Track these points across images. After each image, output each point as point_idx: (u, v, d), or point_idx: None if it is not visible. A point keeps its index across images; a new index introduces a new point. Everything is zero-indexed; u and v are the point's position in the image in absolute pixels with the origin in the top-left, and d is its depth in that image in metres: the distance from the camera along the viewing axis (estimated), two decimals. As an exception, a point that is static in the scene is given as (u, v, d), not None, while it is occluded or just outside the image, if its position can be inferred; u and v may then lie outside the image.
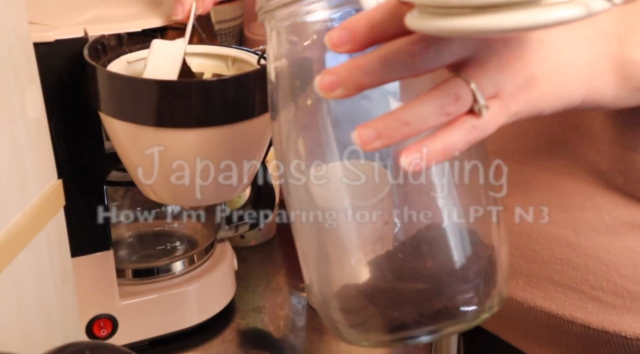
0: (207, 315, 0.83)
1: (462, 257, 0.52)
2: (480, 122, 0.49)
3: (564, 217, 0.70)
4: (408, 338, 0.53)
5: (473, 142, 0.49)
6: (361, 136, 0.47)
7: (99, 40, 0.70)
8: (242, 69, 0.71)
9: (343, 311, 0.54)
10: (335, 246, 0.54)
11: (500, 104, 0.50)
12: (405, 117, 0.48)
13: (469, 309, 0.52)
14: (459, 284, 0.52)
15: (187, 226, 0.88)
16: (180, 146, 0.66)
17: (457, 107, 0.48)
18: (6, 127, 0.57)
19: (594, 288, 0.69)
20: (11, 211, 0.58)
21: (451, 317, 0.52)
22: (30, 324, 0.61)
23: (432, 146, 0.48)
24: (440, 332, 0.52)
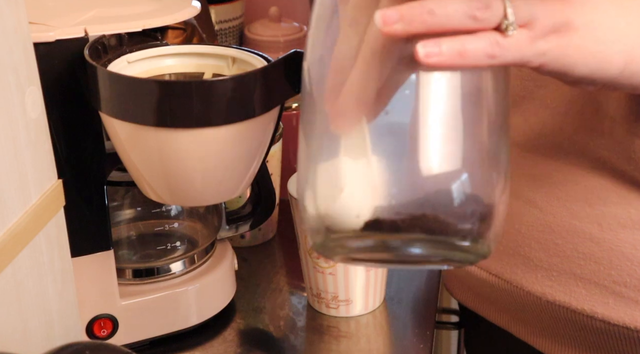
0: (207, 315, 0.83)
1: (460, 186, 0.49)
2: (504, 41, 0.48)
3: (589, 212, 0.69)
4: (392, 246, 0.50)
5: (493, 60, 0.48)
6: (384, 15, 0.46)
7: (100, 40, 0.70)
8: (243, 69, 0.71)
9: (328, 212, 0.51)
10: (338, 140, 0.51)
11: (528, 34, 0.49)
12: (431, 5, 0.47)
13: (466, 226, 0.50)
14: (459, 200, 0.49)
15: (187, 226, 0.88)
16: (180, 146, 0.66)
17: (486, 14, 0.47)
18: (6, 127, 0.57)
19: (617, 283, 0.69)
20: (11, 211, 0.58)
21: (443, 231, 0.50)
22: (30, 324, 0.61)
23: (451, 44, 0.47)
24: (429, 244, 0.50)
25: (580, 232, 0.70)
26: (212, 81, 0.66)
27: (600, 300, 0.70)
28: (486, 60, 0.48)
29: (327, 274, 0.83)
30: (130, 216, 0.87)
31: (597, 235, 0.69)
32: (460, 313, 0.99)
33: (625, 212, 0.68)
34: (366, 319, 0.85)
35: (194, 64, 0.73)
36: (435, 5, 0.47)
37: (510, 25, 0.48)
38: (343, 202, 0.51)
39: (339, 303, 0.85)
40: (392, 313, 0.86)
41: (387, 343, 0.84)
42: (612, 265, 0.68)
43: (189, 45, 0.76)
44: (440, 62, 0.47)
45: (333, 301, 0.85)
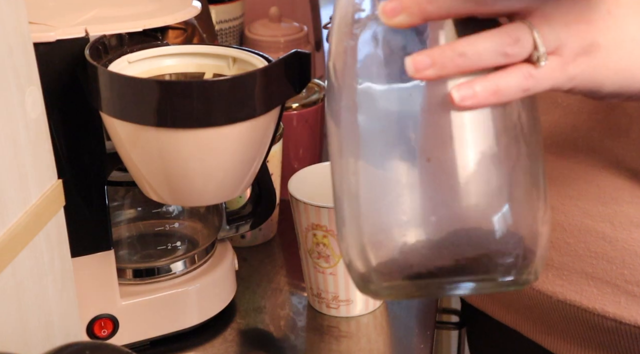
0: (207, 315, 0.83)
1: (505, 210, 0.49)
2: (537, 72, 0.48)
3: (601, 211, 0.69)
4: (436, 288, 0.50)
5: (527, 92, 0.48)
6: (415, 61, 0.46)
7: (100, 40, 0.70)
8: (243, 69, 0.71)
9: (375, 254, 0.51)
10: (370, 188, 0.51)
11: (559, 60, 0.49)
12: (462, 48, 0.47)
13: (507, 261, 0.50)
14: (498, 237, 0.50)
15: (188, 226, 0.88)
16: (181, 146, 0.66)
17: (516, 49, 0.47)
18: (6, 127, 0.57)
19: (629, 283, 0.68)
20: (11, 211, 0.58)
21: (486, 271, 0.50)
22: (30, 324, 0.61)
23: (485, 85, 0.47)
24: (473, 283, 0.50)
25: (592, 231, 0.70)
26: (213, 81, 0.66)
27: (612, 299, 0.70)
28: (521, 94, 0.48)
29: (328, 274, 0.83)
30: (130, 216, 0.87)
31: (610, 234, 0.69)
32: (462, 312, 0.99)
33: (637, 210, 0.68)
34: (366, 319, 0.85)
35: (194, 64, 0.73)
36: (466, 46, 0.47)
37: (541, 56, 0.48)
38: (389, 245, 0.51)
39: (339, 303, 0.85)
40: (393, 313, 0.86)
41: (388, 343, 0.84)
42: (624, 264, 0.68)
43: (189, 45, 0.75)
44: (476, 103, 0.47)
45: (333, 301, 0.85)
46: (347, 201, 0.52)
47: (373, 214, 0.51)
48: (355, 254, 0.52)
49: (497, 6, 0.48)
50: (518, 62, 0.48)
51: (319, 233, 0.82)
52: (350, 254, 0.53)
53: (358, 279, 0.53)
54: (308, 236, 0.83)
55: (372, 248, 0.51)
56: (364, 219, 0.51)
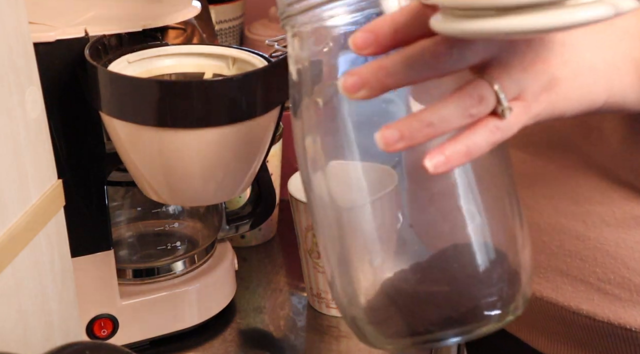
0: (207, 315, 0.83)
1: (486, 261, 0.52)
2: (503, 124, 0.49)
3: (574, 210, 0.70)
4: (433, 341, 0.53)
5: (496, 144, 0.49)
6: (384, 136, 0.47)
7: (100, 40, 0.70)
8: (243, 69, 0.71)
9: (367, 313, 0.54)
10: (357, 245, 0.54)
11: (522, 105, 0.50)
12: (429, 118, 0.48)
13: (493, 313, 0.52)
14: (482, 288, 0.52)
15: (188, 226, 0.88)
16: (181, 146, 0.66)
17: (481, 108, 0.48)
18: (6, 127, 0.57)
19: (602, 280, 0.69)
20: (11, 211, 0.58)
21: (475, 320, 0.52)
22: (30, 324, 0.61)
23: (455, 148, 0.48)
24: (466, 334, 0.52)
25: (566, 229, 0.71)
26: (212, 81, 0.66)
27: (585, 297, 0.71)
28: (490, 147, 0.49)
29: (327, 274, 0.83)
30: (130, 216, 0.87)
31: (583, 233, 0.70)
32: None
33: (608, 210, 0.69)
34: (366, 319, 0.85)
35: (194, 64, 0.73)
36: (431, 115, 0.48)
37: (505, 109, 0.48)
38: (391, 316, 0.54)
39: (339, 303, 0.85)
40: (393, 313, 0.86)
41: (387, 343, 0.84)
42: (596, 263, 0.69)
43: (189, 45, 0.75)
44: (449, 168, 0.48)
45: (333, 301, 0.85)
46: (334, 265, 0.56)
47: (359, 276, 0.54)
48: (349, 312, 0.56)
49: (454, 67, 0.48)
50: (483, 117, 0.49)
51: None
52: (353, 329, 0.56)
53: (356, 330, 0.56)
54: (308, 236, 0.83)
55: (364, 310, 0.54)
56: (353, 275, 0.55)
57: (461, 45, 0.47)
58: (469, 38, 0.46)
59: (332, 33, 0.52)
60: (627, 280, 0.69)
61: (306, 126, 0.54)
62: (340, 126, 0.53)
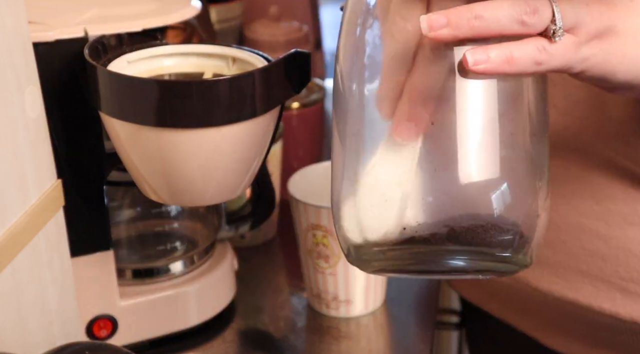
0: (207, 316, 0.83)
1: (508, 200, 0.49)
2: (551, 47, 0.48)
3: (595, 209, 0.70)
4: (433, 255, 0.50)
5: (539, 67, 0.48)
6: (430, 19, 0.46)
7: (99, 40, 0.70)
8: (243, 68, 0.71)
9: (371, 216, 0.51)
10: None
11: (574, 40, 0.49)
12: (479, 11, 0.47)
13: (506, 237, 0.50)
14: (499, 220, 0.49)
15: (187, 226, 0.88)
16: (181, 146, 0.66)
17: (534, 19, 0.47)
18: (6, 127, 0.56)
19: (624, 279, 0.69)
20: (10, 211, 0.57)
21: (483, 242, 0.49)
22: (30, 324, 0.61)
23: (499, 51, 0.47)
24: (465, 260, 0.50)
25: (587, 229, 0.70)
26: (212, 81, 0.66)
27: (607, 296, 0.70)
28: (533, 67, 0.48)
29: (328, 275, 0.83)
30: (130, 216, 0.87)
31: (604, 232, 0.69)
32: (462, 312, 0.99)
33: (631, 209, 0.68)
34: (366, 320, 0.85)
35: (194, 63, 0.73)
36: (483, 9, 0.47)
37: (557, 31, 0.48)
38: (387, 214, 0.50)
39: (339, 303, 0.85)
40: (393, 313, 0.86)
41: (388, 344, 0.83)
42: (619, 262, 0.69)
43: (189, 45, 0.75)
44: (488, 69, 0.47)
45: (333, 301, 0.84)
46: (345, 172, 0.52)
47: (372, 183, 0.51)
48: (348, 218, 0.52)
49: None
50: (533, 35, 0.48)
51: (318, 233, 0.82)
52: (343, 219, 0.52)
53: (348, 245, 0.52)
54: (308, 236, 0.83)
55: (367, 213, 0.51)
56: (362, 187, 0.51)
57: None
58: None
59: None
60: None
61: None
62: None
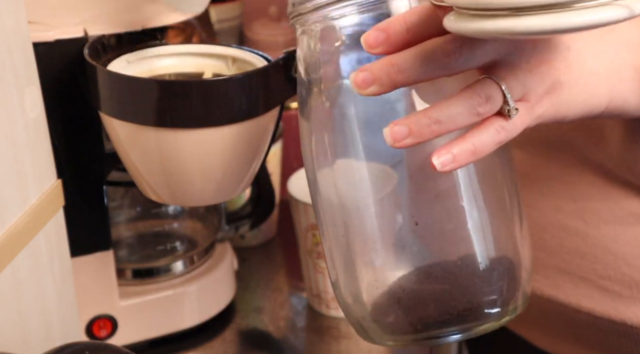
0: (207, 316, 0.83)
1: (486, 259, 0.53)
2: (507, 124, 0.50)
3: (573, 207, 0.70)
4: (434, 337, 0.53)
5: (500, 144, 0.50)
6: (393, 132, 0.48)
7: (99, 39, 0.69)
8: (243, 68, 0.71)
9: (370, 311, 0.55)
10: (362, 244, 0.54)
11: (526, 106, 0.51)
12: (437, 115, 0.49)
13: (493, 310, 0.53)
14: (482, 286, 0.53)
15: (187, 226, 0.88)
16: (180, 146, 0.66)
17: (488, 108, 0.49)
18: (5, 127, 0.56)
19: (602, 277, 0.70)
20: (10, 211, 0.57)
21: (475, 319, 0.53)
22: (29, 325, 0.61)
23: (463, 147, 0.49)
24: (466, 332, 0.53)
25: (565, 227, 0.71)
26: (212, 81, 0.66)
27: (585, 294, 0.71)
28: (496, 146, 0.50)
29: (327, 275, 0.83)
30: (129, 216, 0.87)
31: (582, 230, 0.70)
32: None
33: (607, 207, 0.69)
34: (366, 320, 0.85)
35: (194, 63, 0.73)
36: (439, 112, 0.49)
37: (511, 110, 0.50)
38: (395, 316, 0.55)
39: (339, 303, 0.85)
40: (392, 313, 0.86)
41: (387, 344, 0.83)
42: (596, 259, 0.70)
43: (188, 45, 0.75)
44: (456, 166, 0.49)
45: (333, 301, 0.84)
46: (338, 265, 0.56)
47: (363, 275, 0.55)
48: (352, 310, 0.56)
49: (464, 66, 0.50)
50: (489, 117, 0.50)
51: (318, 233, 0.82)
52: (347, 303, 0.57)
53: (358, 328, 0.56)
54: (308, 236, 0.83)
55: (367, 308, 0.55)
56: (357, 274, 0.55)
57: (471, 44, 0.48)
58: (482, 37, 0.47)
59: (340, 32, 0.53)
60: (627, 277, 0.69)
61: (313, 124, 0.55)
62: (346, 125, 0.53)
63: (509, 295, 0.54)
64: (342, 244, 0.55)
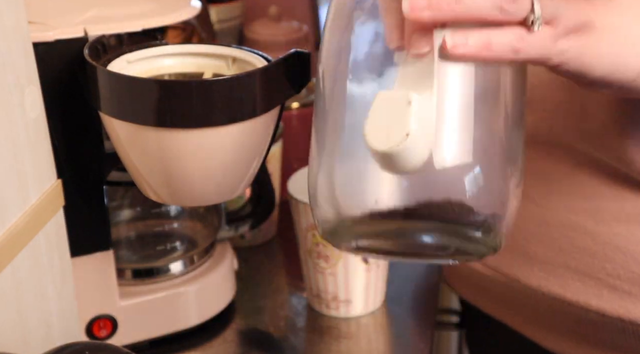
0: (207, 315, 0.83)
1: (474, 186, 0.50)
2: (529, 36, 0.48)
3: (584, 206, 0.70)
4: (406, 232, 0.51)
5: (516, 55, 0.48)
6: (411, 1, 0.46)
7: (99, 40, 0.69)
8: (243, 68, 0.71)
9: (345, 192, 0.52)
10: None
11: (552, 32, 0.49)
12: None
13: (475, 224, 0.51)
14: (470, 203, 0.50)
15: (187, 226, 0.88)
16: (180, 146, 0.66)
17: (514, 6, 0.47)
18: (5, 127, 0.56)
19: (611, 276, 0.70)
20: (10, 211, 0.57)
21: (452, 221, 0.50)
22: (29, 325, 0.61)
23: (478, 37, 0.47)
24: (437, 236, 0.51)
25: (575, 226, 0.71)
26: (212, 81, 0.66)
27: (594, 292, 0.71)
28: (510, 54, 0.48)
29: (327, 275, 0.83)
30: (129, 216, 0.87)
31: (592, 229, 0.70)
32: (462, 312, 0.99)
33: (619, 206, 0.69)
34: (366, 320, 0.85)
35: (194, 63, 0.73)
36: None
37: (536, 20, 0.48)
38: (359, 186, 0.51)
39: (339, 303, 0.85)
40: (392, 313, 0.86)
41: (387, 344, 0.83)
42: (606, 258, 0.70)
43: (188, 45, 0.75)
44: (467, 53, 0.47)
45: (333, 301, 0.84)
46: (323, 150, 0.53)
47: (349, 160, 0.52)
48: (323, 195, 0.53)
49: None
50: (513, 23, 0.48)
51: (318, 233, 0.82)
52: (318, 196, 0.53)
53: (323, 222, 0.54)
54: (308, 236, 0.83)
55: (342, 189, 0.52)
56: (337, 163, 0.52)
57: None
58: None
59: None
60: (637, 275, 0.69)
61: None
62: None
63: (491, 225, 0.51)
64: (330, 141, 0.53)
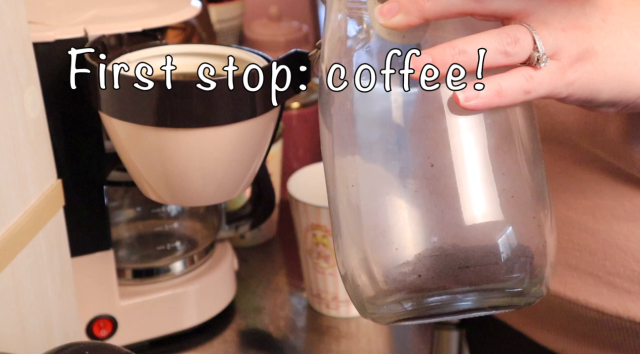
0: (207, 316, 0.83)
1: (511, 241, 0.48)
2: (537, 74, 0.48)
3: (584, 203, 0.70)
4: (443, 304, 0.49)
5: (527, 95, 0.48)
6: (415, 60, 0.46)
7: (99, 40, 0.70)
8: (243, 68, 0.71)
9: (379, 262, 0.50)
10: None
11: (557, 65, 0.49)
12: (462, 46, 0.47)
13: (514, 277, 0.49)
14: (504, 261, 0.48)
15: (187, 226, 0.88)
16: (180, 146, 0.66)
17: (517, 49, 0.47)
18: (6, 127, 0.56)
19: (611, 274, 0.69)
20: (10, 210, 0.57)
21: (492, 281, 0.48)
22: (29, 325, 0.61)
23: (488, 85, 0.47)
24: (477, 299, 0.49)
25: (575, 223, 0.71)
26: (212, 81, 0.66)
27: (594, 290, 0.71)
28: (522, 96, 0.48)
29: (327, 275, 0.83)
30: (129, 216, 0.87)
31: (592, 226, 0.70)
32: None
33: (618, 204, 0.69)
34: (366, 320, 0.85)
35: (194, 63, 0.73)
36: (466, 44, 0.47)
37: (541, 57, 0.48)
38: (398, 262, 0.49)
39: (339, 303, 0.85)
40: (392, 313, 0.86)
41: (387, 344, 0.83)
42: (606, 256, 0.69)
43: (188, 45, 0.75)
44: (480, 104, 0.47)
45: (333, 301, 0.84)
46: (346, 212, 0.51)
47: (375, 227, 0.50)
48: (359, 273, 0.51)
49: (494, 5, 0.48)
50: (518, 65, 0.49)
51: (318, 233, 0.82)
52: (355, 275, 0.51)
53: (362, 300, 0.52)
54: (308, 236, 0.83)
55: (375, 260, 0.50)
56: (366, 232, 0.50)
57: None
58: None
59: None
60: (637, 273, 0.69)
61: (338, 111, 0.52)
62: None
63: (534, 274, 0.50)
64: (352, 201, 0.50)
